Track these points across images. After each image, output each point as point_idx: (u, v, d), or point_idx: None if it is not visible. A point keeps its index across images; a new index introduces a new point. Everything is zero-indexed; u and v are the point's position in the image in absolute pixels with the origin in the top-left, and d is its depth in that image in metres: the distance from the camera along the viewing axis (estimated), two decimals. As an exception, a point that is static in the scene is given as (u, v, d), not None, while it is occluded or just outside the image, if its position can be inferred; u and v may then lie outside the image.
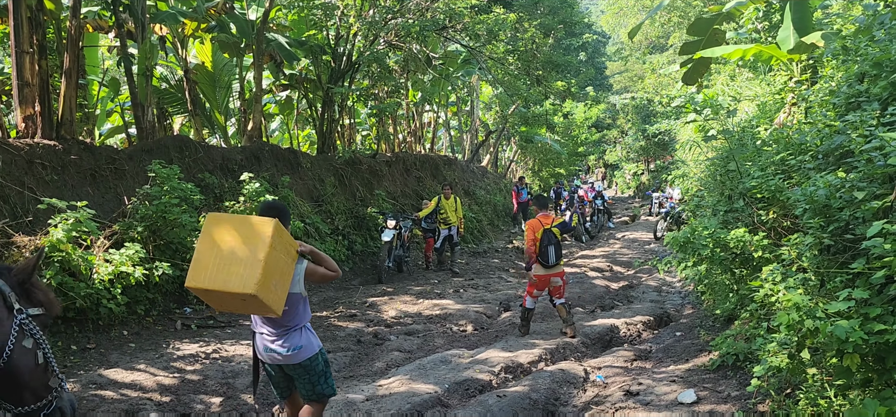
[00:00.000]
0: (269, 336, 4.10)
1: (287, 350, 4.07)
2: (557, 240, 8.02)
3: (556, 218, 8.25)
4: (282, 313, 3.83)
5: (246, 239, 3.70)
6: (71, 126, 9.26)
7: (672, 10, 24.19)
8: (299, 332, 4.11)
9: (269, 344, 4.11)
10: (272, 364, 4.19)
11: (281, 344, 4.07)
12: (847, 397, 3.90)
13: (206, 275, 3.66)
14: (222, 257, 3.66)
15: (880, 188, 4.33)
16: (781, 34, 8.89)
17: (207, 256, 3.70)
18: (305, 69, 15.77)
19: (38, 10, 8.73)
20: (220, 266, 3.65)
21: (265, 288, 3.61)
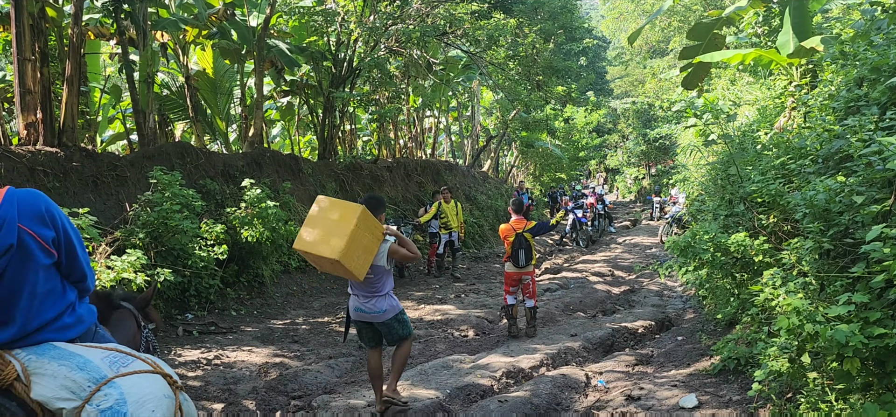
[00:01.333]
0: (360, 299, 5.37)
1: (374, 311, 5.34)
2: (528, 244, 8.50)
3: (529, 223, 8.63)
4: (365, 280, 5.12)
5: (340, 217, 4.87)
6: (72, 133, 9.29)
7: (672, 15, 24.23)
8: (383, 298, 5.37)
9: (359, 305, 5.38)
10: (361, 321, 5.48)
11: (369, 305, 5.34)
12: (848, 401, 3.91)
13: (308, 241, 4.88)
14: (322, 229, 4.88)
15: (879, 192, 4.34)
16: (781, 38, 8.90)
17: (312, 227, 4.94)
18: (306, 75, 15.81)
19: (39, 18, 8.78)
20: (319, 235, 4.86)
21: (348, 256, 4.75)
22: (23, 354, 2.25)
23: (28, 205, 2.27)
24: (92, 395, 2.17)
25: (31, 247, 2.22)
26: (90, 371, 2.23)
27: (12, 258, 2.19)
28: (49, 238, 2.28)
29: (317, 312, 10.27)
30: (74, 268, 2.41)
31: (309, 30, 14.99)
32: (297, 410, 5.90)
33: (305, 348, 8.11)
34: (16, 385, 2.18)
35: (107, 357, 2.32)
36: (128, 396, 2.21)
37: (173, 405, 2.36)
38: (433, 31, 15.02)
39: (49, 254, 2.29)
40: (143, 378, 2.32)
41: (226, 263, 9.65)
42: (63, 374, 2.21)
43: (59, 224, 2.35)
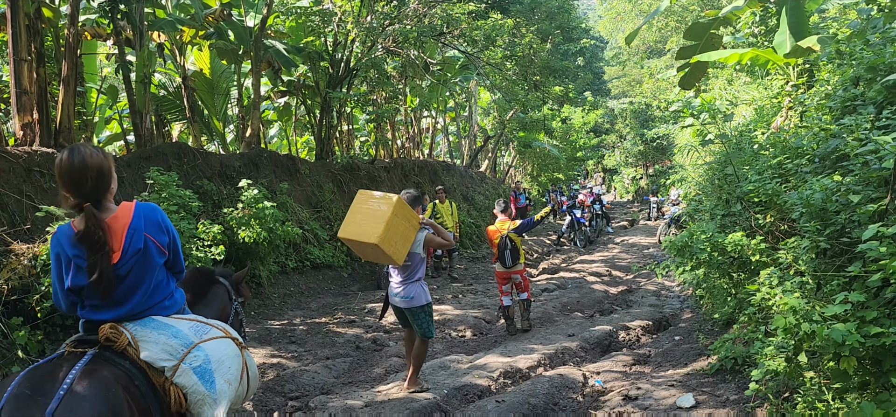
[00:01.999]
0: (396, 284, 5.91)
1: (404, 296, 5.86)
2: (514, 244, 8.63)
3: (513, 222, 8.79)
4: (403, 265, 5.70)
5: (378, 207, 5.40)
6: (69, 133, 9.27)
7: (669, 15, 24.25)
8: (416, 284, 5.87)
9: (395, 289, 5.93)
10: (395, 305, 5.99)
11: (402, 291, 5.87)
12: (844, 400, 3.91)
13: (350, 229, 5.43)
14: (362, 218, 5.41)
15: (876, 191, 4.34)
16: (778, 38, 8.92)
17: (354, 216, 5.49)
18: (303, 75, 15.80)
19: (36, 18, 8.76)
20: (360, 223, 5.39)
21: (386, 241, 5.21)
22: (131, 325, 2.92)
23: (150, 217, 2.96)
24: (185, 356, 2.91)
25: (151, 250, 2.93)
26: (182, 338, 2.96)
27: (140, 259, 2.89)
28: (164, 242, 3.00)
29: (314, 313, 10.26)
30: (177, 264, 3.14)
31: (306, 30, 14.98)
32: (294, 411, 5.89)
33: (303, 349, 8.10)
34: (128, 350, 2.83)
35: (192, 327, 3.07)
36: (211, 356, 2.99)
37: (240, 361, 3.19)
38: (430, 31, 15.02)
39: (162, 255, 3.00)
40: (219, 342, 3.11)
41: (223, 264, 9.63)
42: (163, 341, 2.91)
43: (171, 231, 3.07)
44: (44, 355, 6.56)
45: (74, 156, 2.76)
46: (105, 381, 2.64)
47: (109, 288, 2.82)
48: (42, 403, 2.46)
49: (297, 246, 12.07)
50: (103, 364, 2.72)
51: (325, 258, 12.71)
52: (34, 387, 2.54)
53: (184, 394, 2.88)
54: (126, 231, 2.84)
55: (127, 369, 2.78)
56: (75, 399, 2.51)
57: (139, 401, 2.74)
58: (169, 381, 2.87)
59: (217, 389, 2.95)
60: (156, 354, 2.87)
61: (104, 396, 2.59)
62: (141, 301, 2.94)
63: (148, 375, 2.84)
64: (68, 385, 2.54)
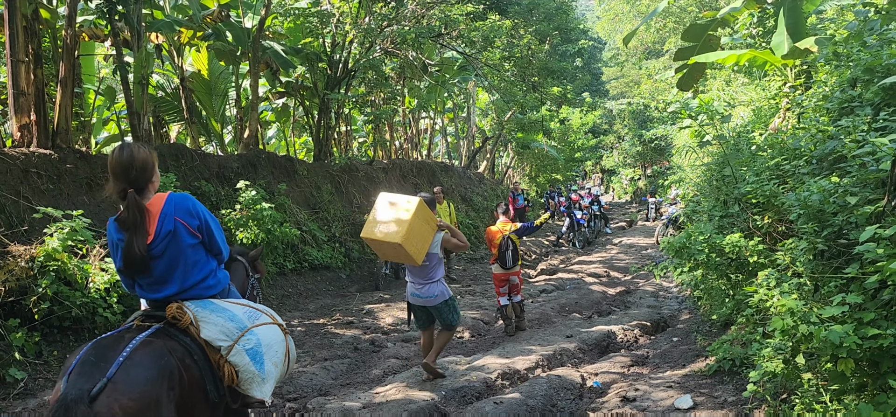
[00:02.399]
0: (416, 285, 6.24)
1: (427, 295, 6.21)
2: (515, 245, 8.73)
3: (514, 224, 8.92)
4: (422, 267, 6.02)
5: (400, 209, 5.73)
6: (67, 135, 9.26)
7: (667, 16, 24.26)
8: (436, 284, 6.23)
9: (415, 290, 6.25)
10: (416, 304, 6.34)
11: (423, 291, 6.21)
12: (842, 402, 3.91)
13: (374, 230, 5.73)
14: (385, 219, 5.72)
15: (873, 193, 4.35)
16: (775, 39, 8.91)
17: (377, 218, 5.77)
18: (302, 76, 15.80)
19: (33, 20, 8.75)
20: (383, 224, 5.71)
21: (408, 241, 5.56)
22: (192, 306, 3.29)
23: (180, 203, 3.32)
24: (239, 338, 3.31)
25: (181, 232, 3.26)
26: (237, 322, 3.35)
27: (171, 240, 3.24)
28: (194, 225, 3.32)
29: (312, 314, 10.25)
30: (213, 245, 3.45)
31: (304, 31, 14.98)
32: (292, 412, 5.89)
33: (301, 350, 8.09)
34: (191, 328, 3.23)
35: (246, 312, 3.47)
36: (262, 340, 3.40)
37: (285, 346, 3.64)
38: (428, 32, 15.02)
39: (194, 237, 3.32)
40: (268, 328, 3.54)
41: (221, 265, 9.63)
42: (220, 323, 3.30)
43: (202, 215, 3.39)
44: (41, 357, 6.56)
45: (124, 151, 3.23)
46: (159, 351, 3.01)
47: (144, 264, 3.21)
48: (104, 368, 2.81)
49: (295, 248, 12.06)
50: (162, 338, 3.10)
51: (324, 259, 12.70)
52: (98, 355, 2.91)
53: (236, 371, 3.28)
54: (158, 215, 3.23)
55: (187, 344, 3.18)
56: (132, 364, 2.87)
57: (192, 372, 3.13)
58: (223, 359, 3.26)
59: (266, 370, 3.39)
60: (214, 334, 3.27)
61: (157, 363, 2.95)
62: (182, 279, 3.32)
63: (205, 352, 3.24)
64: (128, 352, 2.91)
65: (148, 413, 2.82)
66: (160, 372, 2.94)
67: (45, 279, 6.66)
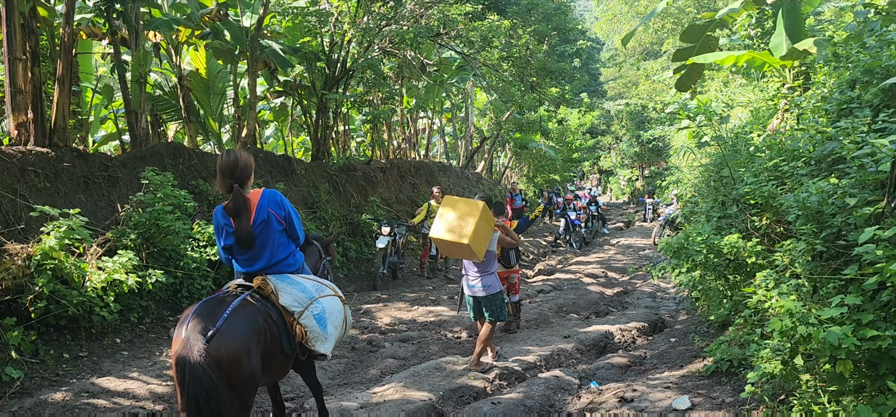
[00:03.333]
0: (473, 278, 6.98)
1: (482, 287, 6.93)
2: None
3: (512, 222, 9.12)
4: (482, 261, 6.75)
5: (466, 211, 6.41)
6: (64, 133, 9.23)
7: (665, 17, 24.28)
8: (490, 276, 6.95)
9: (472, 282, 7.00)
10: (473, 296, 7.06)
11: (480, 283, 6.94)
12: (840, 403, 3.90)
13: (442, 230, 6.39)
14: (452, 220, 6.39)
15: (872, 194, 4.34)
16: (774, 40, 8.92)
17: (444, 219, 6.44)
18: (300, 76, 15.77)
19: (31, 17, 8.71)
20: (450, 225, 6.37)
21: (474, 241, 6.28)
22: (273, 279, 4.26)
23: (272, 198, 4.30)
24: (307, 306, 4.27)
25: (271, 220, 4.26)
26: (307, 293, 4.32)
27: (264, 226, 4.24)
28: (281, 215, 4.32)
29: (310, 313, 10.22)
30: (293, 232, 4.44)
31: (302, 30, 14.94)
32: (289, 412, 5.86)
33: (298, 350, 8.07)
34: (272, 296, 4.19)
35: (314, 285, 4.43)
36: (326, 308, 4.38)
37: (343, 313, 4.61)
38: (427, 32, 15.00)
39: (280, 224, 4.33)
40: (331, 298, 4.53)
41: (218, 264, 9.60)
42: (294, 293, 4.26)
43: (287, 208, 4.38)
44: (38, 356, 6.54)
45: (230, 155, 4.24)
46: (252, 312, 4.00)
47: (248, 242, 4.23)
48: (213, 320, 3.77)
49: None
50: (253, 302, 4.08)
51: (321, 258, 12.67)
52: (209, 310, 3.87)
53: (305, 331, 4.24)
54: (256, 206, 4.23)
55: (269, 309, 4.15)
56: (233, 319, 3.85)
57: (273, 330, 4.11)
58: (296, 321, 4.22)
59: (328, 331, 4.33)
60: (289, 301, 4.22)
61: (250, 321, 3.94)
62: (270, 257, 4.30)
63: (282, 315, 4.20)
64: (230, 311, 3.88)
65: (243, 357, 3.80)
66: (252, 328, 3.91)
67: (42, 277, 6.64)
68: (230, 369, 3.71)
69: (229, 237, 4.26)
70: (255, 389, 3.98)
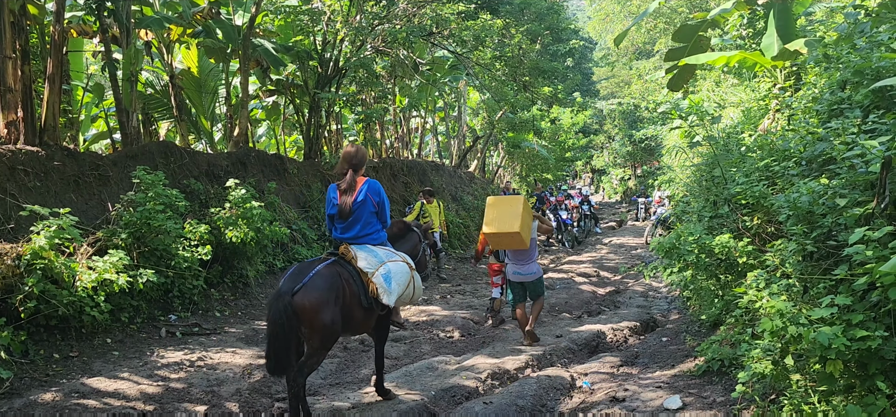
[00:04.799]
0: (518, 264, 8.06)
1: (528, 272, 8.05)
2: None
3: None
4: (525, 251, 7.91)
5: (510, 205, 7.76)
6: (54, 132, 9.18)
7: (658, 17, 24.32)
8: (534, 263, 8.10)
9: (518, 269, 8.06)
10: (518, 281, 8.11)
11: (525, 268, 8.04)
12: (830, 403, 3.92)
13: (493, 225, 7.65)
14: (499, 215, 7.65)
15: (862, 195, 4.36)
16: (765, 41, 8.95)
17: (492, 216, 7.72)
18: (292, 74, 15.73)
19: (21, 15, 8.65)
20: (499, 219, 7.64)
21: (523, 228, 7.57)
22: (354, 247, 5.46)
23: (372, 186, 5.54)
24: (377, 268, 5.37)
25: (368, 202, 5.47)
26: (378, 258, 5.44)
27: (362, 205, 5.45)
28: (376, 200, 5.52)
29: (302, 313, 10.21)
30: (382, 216, 5.63)
31: (295, 29, 14.91)
32: (281, 412, 5.85)
33: (290, 349, 8.05)
34: (352, 261, 5.37)
35: (385, 253, 5.56)
36: (392, 270, 5.45)
37: (409, 276, 5.66)
38: (419, 31, 14.98)
39: (374, 207, 5.52)
40: (398, 263, 5.59)
41: (210, 264, 9.57)
42: (369, 258, 5.39)
43: (381, 196, 5.58)
44: (27, 356, 6.50)
45: (354, 147, 5.70)
46: (334, 272, 5.19)
47: (346, 214, 5.47)
48: (301, 278, 5.01)
49: (284, 246, 12.01)
50: (338, 265, 5.31)
51: (313, 257, 12.64)
52: (300, 270, 5.13)
53: (376, 287, 5.31)
54: (359, 189, 5.48)
55: (351, 270, 5.34)
56: (317, 277, 5.06)
57: (352, 287, 5.26)
58: (370, 279, 5.32)
59: (392, 288, 5.38)
60: (365, 265, 5.36)
61: (331, 279, 5.12)
62: (360, 229, 5.51)
63: (361, 275, 5.34)
64: (316, 271, 5.10)
65: (321, 307, 4.96)
66: (332, 285, 5.09)
67: (32, 277, 6.60)
68: (310, 316, 4.93)
69: (333, 208, 5.53)
70: (335, 335, 5.19)
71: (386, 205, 5.60)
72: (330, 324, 4.98)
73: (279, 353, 4.86)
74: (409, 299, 5.76)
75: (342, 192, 5.46)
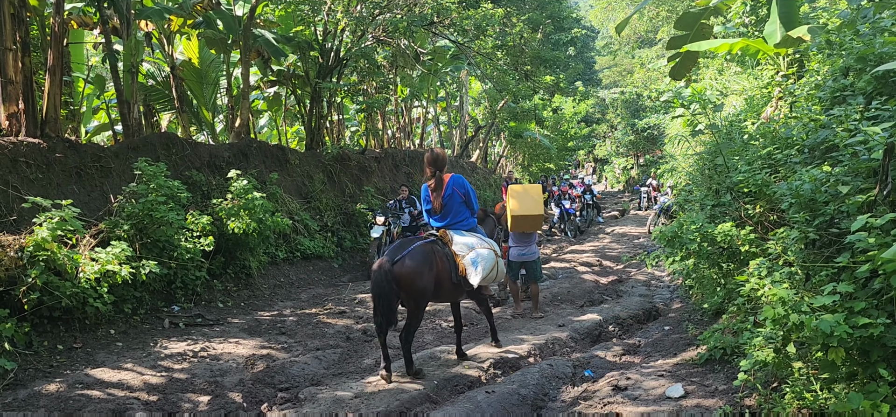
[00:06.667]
0: (520, 247, 9.12)
1: (530, 253, 9.15)
2: None
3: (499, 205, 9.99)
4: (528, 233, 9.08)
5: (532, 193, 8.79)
6: (55, 123, 9.18)
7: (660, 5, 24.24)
8: (534, 245, 9.20)
9: (520, 251, 9.12)
10: (519, 261, 9.17)
11: (527, 250, 9.13)
12: (832, 390, 3.92)
13: (520, 208, 8.53)
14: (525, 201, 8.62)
15: (864, 182, 4.35)
16: (768, 28, 8.90)
17: (518, 201, 8.61)
18: (293, 65, 15.70)
19: (21, 7, 8.64)
20: (524, 204, 8.57)
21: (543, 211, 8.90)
22: (450, 232, 6.53)
23: (458, 180, 6.65)
24: (468, 253, 6.34)
25: (455, 194, 6.58)
26: (469, 244, 6.41)
27: (450, 197, 6.58)
28: (462, 192, 6.61)
29: (304, 304, 10.23)
30: (470, 205, 6.66)
31: (295, 19, 14.87)
32: (284, 402, 5.86)
33: (292, 340, 8.07)
34: (448, 244, 6.45)
35: (476, 240, 6.49)
36: (480, 254, 6.35)
37: (493, 260, 6.42)
38: (421, 20, 14.94)
39: (462, 197, 6.61)
40: (486, 250, 6.42)
41: (212, 255, 9.59)
42: (462, 242, 6.43)
43: (467, 188, 6.66)
44: (31, 347, 6.52)
45: (434, 152, 6.73)
46: (429, 249, 6.23)
47: (440, 207, 6.59)
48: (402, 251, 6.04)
49: (286, 237, 12.03)
50: (436, 244, 6.37)
51: (316, 249, 12.67)
52: (401, 245, 6.17)
53: (465, 267, 6.28)
54: (446, 184, 6.56)
55: (445, 250, 6.37)
56: (415, 252, 6.07)
57: (444, 264, 6.26)
58: (460, 260, 6.30)
59: (477, 269, 6.25)
60: (458, 248, 6.39)
61: (427, 255, 6.14)
62: (452, 217, 6.57)
63: (454, 256, 6.34)
64: (414, 246, 6.12)
65: (416, 277, 5.96)
66: (426, 260, 6.08)
67: (35, 269, 6.62)
68: (406, 283, 5.94)
69: (429, 203, 6.67)
70: (426, 299, 6.21)
71: (472, 194, 6.67)
72: (422, 290, 6.01)
73: (386, 311, 5.90)
74: (493, 279, 6.58)
75: (433, 190, 6.58)
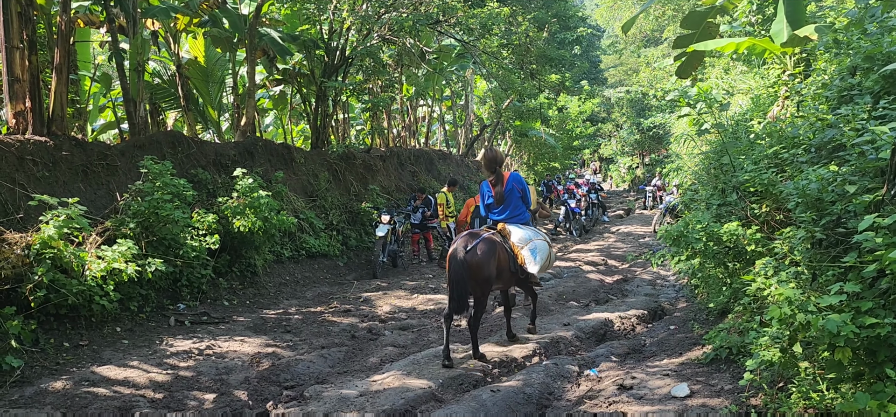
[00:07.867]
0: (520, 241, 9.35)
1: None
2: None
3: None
4: None
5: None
6: (62, 122, 9.21)
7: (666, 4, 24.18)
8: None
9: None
10: None
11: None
12: (839, 390, 3.90)
13: None
14: None
15: (872, 182, 4.33)
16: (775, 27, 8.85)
17: None
18: (299, 64, 15.73)
19: (28, 5, 8.67)
20: None
21: None
22: (509, 225, 7.10)
23: (516, 177, 7.24)
24: (526, 245, 6.97)
25: (513, 190, 7.16)
26: (526, 236, 7.05)
27: (509, 193, 7.14)
28: (519, 189, 7.19)
29: (309, 302, 10.24)
30: (526, 200, 7.27)
31: (301, 18, 14.89)
32: (289, 400, 5.87)
33: (298, 338, 8.09)
34: (507, 237, 7.02)
35: (532, 232, 7.14)
36: (537, 246, 7.00)
37: (548, 251, 7.16)
38: (426, 19, 14.94)
39: (519, 194, 7.18)
40: (541, 241, 7.12)
41: (218, 253, 9.61)
42: (520, 234, 7.04)
43: (523, 185, 7.28)
44: (38, 344, 6.55)
45: (492, 151, 7.29)
46: (492, 241, 6.69)
47: (499, 202, 7.11)
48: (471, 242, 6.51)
49: (292, 236, 12.05)
50: (497, 237, 6.84)
51: (321, 247, 12.68)
52: (470, 237, 6.62)
53: (523, 258, 6.85)
54: (506, 181, 7.08)
55: (504, 242, 6.87)
56: (482, 244, 6.55)
57: (504, 254, 6.78)
58: (519, 251, 6.87)
59: (536, 259, 6.86)
60: (516, 240, 6.95)
61: (492, 247, 6.61)
62: (510, 212, 7.12)
63: (512, 248, 6.89)
64: (481, 239, 6.59)
65: (483, 266, 6.46)
66: (491, 251, 6.58)
67: (41, 266, 6.64)
68: (475, 271, 6.43)
69: (490, 199, 7.19)
70: (491, 285, 6.65)
71: (528, 191, 7.28)
72: (487, 278, 6.54)
73: (460, 296, 6.39)
74: (546, 267, 7.21)
75: (494, 186, 7.11)
